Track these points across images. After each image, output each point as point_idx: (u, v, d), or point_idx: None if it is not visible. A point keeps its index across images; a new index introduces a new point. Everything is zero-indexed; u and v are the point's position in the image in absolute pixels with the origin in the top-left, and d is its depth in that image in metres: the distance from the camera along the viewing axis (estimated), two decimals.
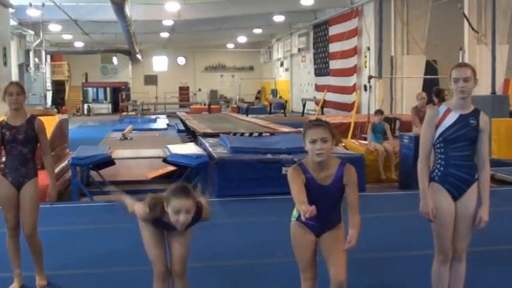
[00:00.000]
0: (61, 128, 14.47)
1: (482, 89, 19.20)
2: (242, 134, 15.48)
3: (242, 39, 52.07)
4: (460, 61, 19.05)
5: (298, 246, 4.54)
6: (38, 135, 6.05)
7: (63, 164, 12.86)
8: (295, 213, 4.54)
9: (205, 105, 48.06)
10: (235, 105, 46.54)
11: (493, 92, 18.49)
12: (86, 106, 52.18)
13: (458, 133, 4.77)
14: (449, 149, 4.80)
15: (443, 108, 4.89)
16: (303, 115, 35.77)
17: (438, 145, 4.86)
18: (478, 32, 20.01)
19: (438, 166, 4.86)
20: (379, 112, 14.63)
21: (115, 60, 56.36)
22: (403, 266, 6.89)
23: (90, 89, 54.33)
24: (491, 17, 18.88)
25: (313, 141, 4.34)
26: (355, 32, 31.97)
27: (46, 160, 6.20)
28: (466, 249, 4.96)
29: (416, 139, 10.87)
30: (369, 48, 29.75)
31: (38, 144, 6.15)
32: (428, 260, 5.06)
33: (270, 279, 6.42)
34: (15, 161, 5.97)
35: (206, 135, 15.18)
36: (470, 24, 19.96)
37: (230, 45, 57.60)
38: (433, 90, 12.80)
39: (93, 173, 13.02)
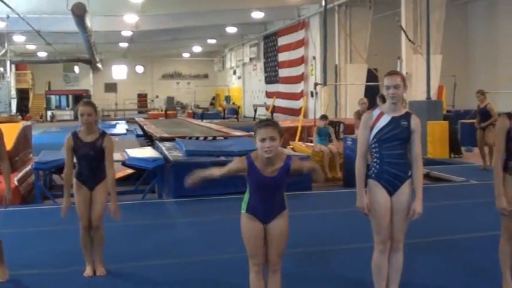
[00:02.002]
0: (25, 134, 14.25)
1: (419, 95, 19.51)
2: (197, 138, 15.42)
3: (197, 48, 51.99)
4: (398, 69, 19.33)
5: (247, 234, 4.68)
6: None
7: (26, 169, 12.67)
8: (244, 205, 4.70)
9: (162, 111, 47.83)
10: (190, 111, 46.37)
11: (428, 97, 18.74)
12: (49, 113, 51.49)
13: (391, 133, 4.87)
14: (383, 148, 4.90)
15: (376, 112, 5.00)
16: (254, 120, 35.81)
17: (374, 145, 4.96)
18: (414, 43, 20.30)
19: (374, 164, 4.95)
20: (323, 117, 14.75)
21: (76, 69, 55.78)
22: (346, 258, 6.94)
23: (53, 97, 53.62)
24: (426, 29, 19.14)
25: (263, 140, 4.46)
26: (302, 43, 32.18)
27: (3, 166, 6.06)
28: (402, 240, 5.03)
29: None
30: (314, 58, 29.99)
31: None
32: (369, 251, 5.11)
33: (223, 274, 6.42)
34: None
35: (163, 139, 15.09)
36: (407, 36, 20.23)
37: (186, 55, 57.42)
38: (379, 96, 12.88)
39: (55, 176, 12.84)
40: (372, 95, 17.27)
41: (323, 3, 21.22)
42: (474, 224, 8.72)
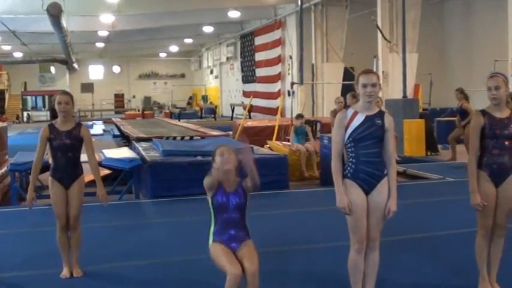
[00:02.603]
0: (0, 135, 14.14)
1: (395, 93, 19.61)
2: (174, 138, 15.37)
3: (174, 48, 51.87)
4: (375, 68, 19.42)
5: (219, 257, 4.81)
6: None
7: (2, 170, 12.56)
8: (211, 240, 4.96)
9: (139, 111, 47.63)
10: (167, 111, 46.23)
11: (405, 95, 18.85)
12: (25, 114, 51.09)
13: (366, 132, 4.85)
14: (358, 147, 4.88)
15: (350, 111, 4.98)
16: (231, 119, 35.81)
17: (349, 145, 4.93)
18: (390, 42, 20.40)
19: (350, 164, 4.92)
20: (299, 116, 14.81)
21: (53, 69, 55.40)
22: (323, 256, 6.95)
23: (29, 98, 53.19)
24: (401, 28, 19.24)
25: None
26: (278, 42, 32.22)
27: None
28: (378, 239, 5.03)
29: None
30: (291, 57, 30.04)
31: None
32: (346, 249, 5.11)
33: (201, 274, 6.40)
34: None
35: (139, 139, 15.03)
36: (383, 35, 20.32)
37: (162, 54, 57.30)
38: (351, 94, 12.84)
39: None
40: None
41: (299, 2, 21.24)
42: (450, 221, 8.77)
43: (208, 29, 37.85)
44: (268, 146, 15.62)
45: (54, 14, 22.71)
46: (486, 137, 5.21)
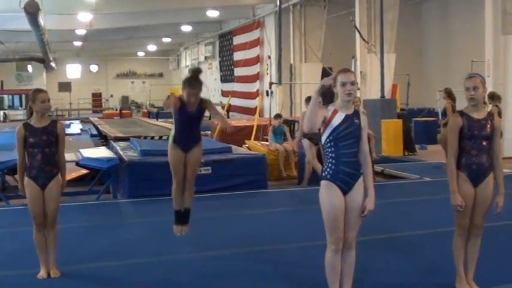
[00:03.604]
0: None
1: (373, 93, 19.67)
2: (152, 138, 15.33)
3: (152, 47, 51.64)
4: (353, 68, 19.50)
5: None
6: None
7: None
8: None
9: (117, 110, 47.39)
10: (145, 110, 46.01)
11: (382, 96, 18.92)
12: (1, 113, 50.61)
13: (346, 131, 4.86)
14: (339, 147, 4.87)
15: (331, 108, 4.96)
16: (209, 119, 35.62)
17: (328, 144, 4.91)
18: (368, 42, 20.46)
19: (329, 165, 4.90)
20: (278, 116, 14.85)
21: (30, 68, 54.85)
22: (300, 256, 6.96)
23: (5, 96, 52.68)
24: (379, 29, 19.32)
25: None
26: (257, 42, 32.19)
27: None
28: (355, 238, 5.04)
29: None
30: (269, 57, 30.00)
31: None
32: (323, 249, 5.10)
33: (179, 274, 6.39)
34: None
35: (117, 139, 14.97)
36: (361, 35, 20.38)
37: (141, 53, 57.00)
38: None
39: (8, 177, 12.63)
40: None
41: (278, 2, 21.27)
42: (427, 220, 8.81)
43: (186, 28, 37.73)
44: (246, 145, 15.62)
45: (32, 12, 22.51)
46: (464, 137, 5.24)
